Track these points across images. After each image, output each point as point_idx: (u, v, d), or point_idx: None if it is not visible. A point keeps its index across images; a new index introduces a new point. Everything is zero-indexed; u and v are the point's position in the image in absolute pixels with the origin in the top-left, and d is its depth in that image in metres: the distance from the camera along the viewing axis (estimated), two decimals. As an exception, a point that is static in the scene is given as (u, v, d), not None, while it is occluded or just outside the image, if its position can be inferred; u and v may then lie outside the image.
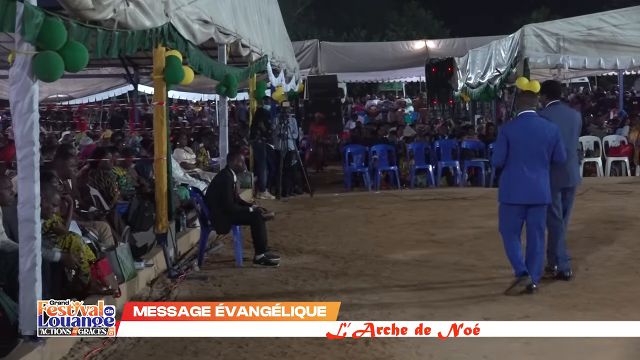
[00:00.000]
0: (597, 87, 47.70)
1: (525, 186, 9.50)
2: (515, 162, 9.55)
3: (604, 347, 7.18)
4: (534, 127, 9.56)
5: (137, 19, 9.18)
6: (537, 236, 9.64)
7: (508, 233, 9.72)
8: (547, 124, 9.64)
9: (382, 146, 21.16)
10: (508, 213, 9.73)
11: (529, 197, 9.54)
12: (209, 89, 27.61)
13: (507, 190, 9.73)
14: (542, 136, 9.51)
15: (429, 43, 39.30)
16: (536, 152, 9.49)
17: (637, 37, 20.62)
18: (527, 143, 9.50)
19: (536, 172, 9.49)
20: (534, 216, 9.62)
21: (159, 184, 11.31)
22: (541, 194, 9.53)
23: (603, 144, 21.55)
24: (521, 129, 9.65)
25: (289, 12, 50.02)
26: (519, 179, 9.54)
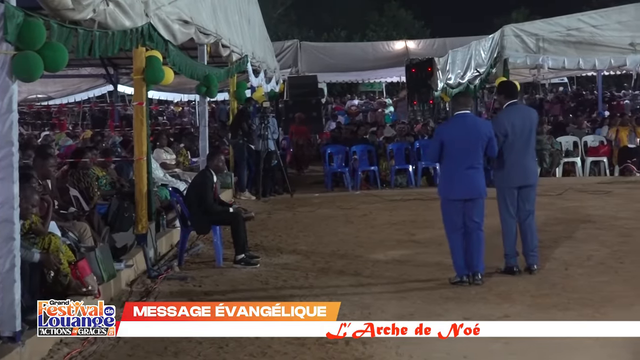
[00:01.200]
0: (576, 87, 47.87)
1: (463, 182, 9.93)
2: (452, 159, 9.97)
3: (584, 346, 7.21)
4: (469, 126, 10.01)
5: (117, 19, 9.15)
6: (476, 228, 10.03)
7: (452, 229, 10.11)
8: (481, 122, 10.45)
9: (363, 146, 21.18)
10: (449, 208, 10.11)
11: (467, 193, 9.97)
12: (189, 89, 27.55)
13: (446, 187, 10.20)
14: (476, 134, 9.94)
15: (409, 43, 39.32)
16: (471, 149, 9.91)
17: (616, 37, 20.73)
18: (462, 141, 9.89)
19: (472, 168, 9.91)
20: (471, 210, 10.01)
21: (138, 185, 11.29)
22: (477, 189, 9.97)
23: (582, 144, 21.63)
24: (456, 128, 10.06)
25: (269, 13, 49.99)
26: (456, 176, 9.97)
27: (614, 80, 47.96)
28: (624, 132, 21.12)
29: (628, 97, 41.71)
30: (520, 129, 10.39)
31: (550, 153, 20.35)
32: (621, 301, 8.96)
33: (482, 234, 10.10)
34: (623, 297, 9.10)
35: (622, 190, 18.35)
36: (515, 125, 10.37)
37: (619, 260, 11.05)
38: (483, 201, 10.11)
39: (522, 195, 10.54)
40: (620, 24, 20.83)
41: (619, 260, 11.09)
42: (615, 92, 45.81)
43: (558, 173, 20.82)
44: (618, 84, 49.51)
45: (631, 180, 19.99)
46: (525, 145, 10.46)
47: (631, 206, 15.92)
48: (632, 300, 8.98)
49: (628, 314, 8.42)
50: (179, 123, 34.12)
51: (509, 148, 10.34)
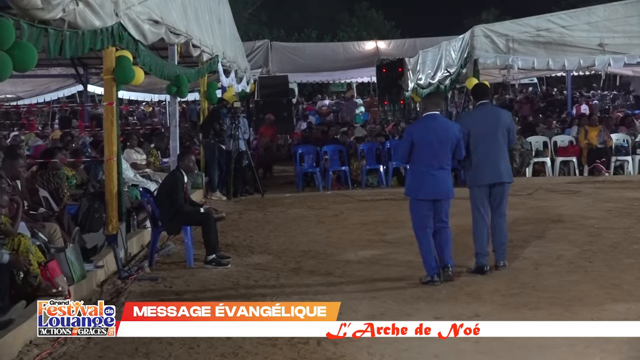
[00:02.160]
0: (545, 87, 48.11)
1: (432, 183, 10.02)
2: (421, 160, 10.06)
3: (553, 345, 7.25)
4: (438, 127, 10.09)
5: (86, 18, 9.12)
6: (444, 226, 10.18)
7: (421, 229, 10.16)
8: (450, 124, 10.50)
9: (333, 146, 21.18)
10: (418, 208, 10.19)
11: (435, 193, 10.07)
12: (159, 89, 27.43)
13: (415, 187, 10.25)
14: (445, 135, 10.04)
15: (379, 43, 39.37)
16: (440, 150, 10.02)
17: (584, 38, 20.87)
18: (431, 142, 9.98)
19: (441, 169, 10.04)
20: (439, 210, 10.13)
21: (109, 185, 11.25)
22: (446, 190, 10.11)
23: (552, 144, 21.75)
24: (426, 129, 10.13)
25: (239, 12, 49.93)
26: (425, 176, 10.05)
27: (583, 81, 48.20)
28: (593, 133, 21.25)
29: (597, 97, 42.00)
30: (486, 128, 10.61)
31: (520, 153, 20.44)
32: (590, 300, 9.01)
33: (449, 232, 10.26)
34: (592, 296, 9.16)
35: (591, 190, 18.49)
36: (479, 125, 10.64)
37: (588, 260, 11.13)
38: (449, 203, 10.26)
39: (494, 194, 10.70)
40: (589, 25, 20.98)
41: (588, 259, 11.17)
42: (585, 92, 46.07)
43: (528, 173, 20.92)
44: (587, 85, 49.77)
45: (600, 180, 20.13)
46: (493, 145, 10.60)
47: (600, 206, 16.04)
48: (601, 299, 9.03)
49: (597, 312, 8.47)
50: (149, 123, 34.02)
51: (474, 147, 10.56)
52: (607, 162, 21.03)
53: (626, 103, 39.87)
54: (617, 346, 7.22)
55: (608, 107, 38.19)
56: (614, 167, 21.25)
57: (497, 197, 10.71)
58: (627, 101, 40.62)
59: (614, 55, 20.91)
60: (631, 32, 20.95)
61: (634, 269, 10.47)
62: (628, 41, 20.95)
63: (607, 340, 7.26)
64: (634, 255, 11.30)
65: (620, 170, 21.40)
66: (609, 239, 12.59)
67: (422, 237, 10.16)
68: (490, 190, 10.68)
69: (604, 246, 12.04)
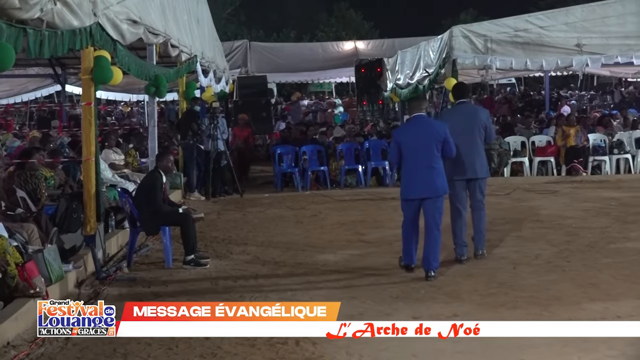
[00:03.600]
0: (524, 87, 48.29)
1: (420, 182, 10.34)
2: (409, 161, 10.43)
3: (531, 344, 7.27)
4: (423, 127, 10.46)
5: (64, 18, 9.08)
6: (433, 228, 10.40)
7: (406, 225, 10.60)
8: (435, 123, 10.85)
9: (312, 146, 21.19)
10: (407, 208, 10.58)
11: (423, 192, 10.36)
12: (137, 89, 27.37)
13: (405, 187, 10.61)
14: (430, 135, 10.36)
15: (358, 44, 39.41)
16: (426, 149, 10.32)
17: (562, 38, 20.90)
18: (417, 142, 10.36)
19: (429, 168, 10.31)
20: (429, 208, 10.39)
21: (87, 185, 11.21)
22: (435, 188, 10.35)
23: (530, 144, 21.83)
24: (411, 130, 10.59)
25: (218, 12, 49.87)
26: (414, 176, 10.41)
27: (560, 81, 48.41)
28: (571, 132, 21.34)
29: (574, 97, 42.20)
30: (464, 126, 11.13)
31: (498, 153, 20.49)
32: (568, 299, 9.05)
33: (439, 234, 10.47)
34: (570, 296, 9.20)
35: (569, 190, 18.57)
36: (458, 122, 11.11)
37: (566, 259, 11.18)
38: (442, 200, 10.52)
39: (472, 188, 11.27)
40: (567, 25, 21.01)
41: (566, 259, 11.23)
42: (563, 92, 46.29)
43: (506, 173, 20.98)
44: (565, 85, 50.00)
45: (577, 180, 20.22)
46: (469, 141, 11.12)
47: (577, 205, 16.12)
48: (578, 298, 9.08)
49: (575, 312, 8.52)
50: (127, 123, 33.96)
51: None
52: (584, 162, 21.12)
53: (603, 103, 40.08)
54: (595, 345, 7.25)
55: (585, 107, 38.36)
56: (592, 167, 21.33)
57: (474, 191, 11.30)
58: (605, 101, 40.84)
59: (591, 56, 20.96)
60: (608, 32, 21.01)
61: (611, 268, 10.53)
62: (605, 42, 21.00)
63: (584, 340, 7.29)
64: (611, 255, 11.37)
65: (597, 170, 21.50)
66: (587, 238, 12.65)
67: (404, 230, 10.61)
68: (467, 184, 11.23)
69: (581, 246, 12.10)
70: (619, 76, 36.03)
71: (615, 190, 18.34)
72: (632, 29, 21.01)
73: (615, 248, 11.89)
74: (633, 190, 18.11)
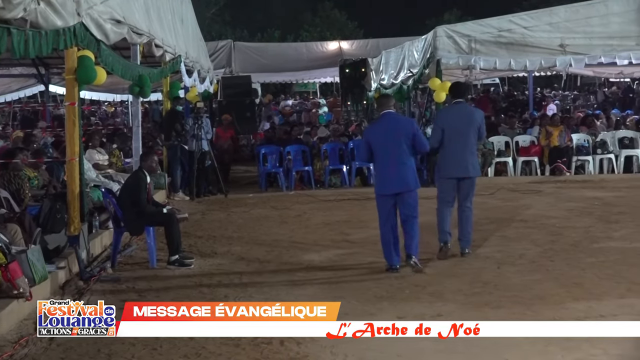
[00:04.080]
0: (507, 87, 48.38)
1: (392, 177, 10.61)
2: (381, 157, 10.71)
3: (514, 343, 7.30)
4: (392, 124, 10.73)
5: (48, 18, 9.06)
6: (410, 221, 10.72)
7: (383, 223, 10.76)
8: (403, 119, 11.40)
9: (296, 147, 21.19)
10: (382, 203, 10.78)
11: (396, 187, 10.63)
12: (121, 89, 27.27)
13: (379, 183, 10.96)
14: (399, 131, 10.63)
15: (342, 44, 39.41)
16: (396, 145, 10.58)
17: (546, 38, 20.95)
18: (387, 139, 10.62)
19: (400, 163, 10.59)
20: (403, 203, 10.68)
21: (71, 186, 11.18)
22: (406, 183, 10.63)
23: (514, 144, 21.89)
24: (381, 127, 10.80)
25: (202, 12, 49.82)
26: (386, 172, 10.70)
27: (544, 81, 48.53)
28: (555, 132, 21.41)
29: (558, 97, 42.31)
30: (459, 125, 11.39)
31: (482, 153, 20.51)
32: (552, 299, 9.09)
33: (416, 222, 10.75)
34: (554, 295, 9.24)
35: (553, 190, 18.63)
36: (453, 121, 11.47)
37: (550, 259, 11.23)
38: (415, 194, 10.79)
39: (462, 187, 11.45)
40: (551, 26, 21.06)
41: (550, 258, 11.27)
42: (546, 92, 46.40)
43: (490, 173, 21.03)
44: (548, 85, 50.13)
45: (561, 180, 20.29)
46: (463, 141, 11.38)
47: (561, 205, 16.18)
48: (562, 298, 9.11)
49: (558, 311, 8.55)
50: (111, 123, 33.86)
51: (447, 142, 11.33)
52: (568, 162, 21.22)
53: (587, 103, 40.22)
54: (578, 344, 7.28)
55: (569, 107, 38.47)
56: (575, 167, 21.43)
57: (464, 190, 11.48)
58: (588, 101, 40.97)
59: (575, 56, 21.01)
60: (592, 32, 21.07)
61: (594, 267, 10.58)
62: (589, 42, 21.06)
63: (568, 339, 7.32)
64: (595, 254, 11.42)
65: (581, 170, 21.60)
66: (570, 238, 12.71)
67: (383, 230, 10.75)
68: (458, 183, 11.41)
69: (565, 245, 12.16)
70: (602, 76, 36.16)
71: (598, 190, 18.41)
72: (615, 30, 21.08)
73: (598, 247, 11.94)
74: (616, 190, 18.20)
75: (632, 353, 7.22)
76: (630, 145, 22.03)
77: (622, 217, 14.57)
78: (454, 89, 12.23)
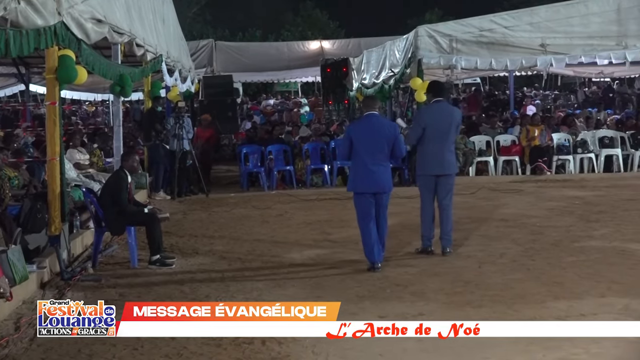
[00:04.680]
0: (488, 87, 48.48)
1: (369, 178, 10.78)
2: (360, 156, 10.81)
3: (496, 343, 7.31)
4: (375, 126, 10.87)
5: (28, 17, 9.02)
6: (382, 221, 10.94)
7: (363, 219, 10.89)
8: (387, 123, 11.39)
9: (278, 146, 21.20)
10: (360, 201, 10.92)
11: (372, 187, 10.81)
12: (102, 88, 27.21)
13: (354, 181, 11.02)
14: (382, 133, 10.81)
15: (324, 43, 39.39)
16: (378, 147, 10.76)
17: (527, 38, 21.04)
18: (369, 140, 10.78)
19: (378, 165, 10.79)
20: (378, 203, 10.89)
21: (51, 185, 11.14)
22: (382, 185, 10.86)
23: (495, 143, 21.95)
24: (364, 128, 10.92)
25: (183, 12, 49.65)
26: (363, 171, 10.82)
27: (525, 81, 48.68)
28: (536, 132, 21.50)
29: (539, 97, 42.44)
30: (439, 123, 11.59)
31: (463, 152, 20.60)
32: (533, 298, 9.12)
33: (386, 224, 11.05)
34: (535, 294, 9.27)
35: (533, 189, 18.71)
36: (434, 120, 11.64)
37: (531, 258, 11.27)
38: (388, 196, 11.01)
39: (440, 184, 11.61)
40: (531, 25, 21.14)
41: (531, 257, 11.31)
42: (527, 92, 46.54)
43: (471, 172, 21.09)
44: (529, 84, 50.27)
45: (542, 179, 20.39)
46: (443, 139, 11.60)
47: (542, 204, 16.24)
48: (543, 297, 9.14)
49: (539, 310, 8.57)
50: (92, 123, 33.77)
51: (427, 140, 11.55)
52: (548, 161, 21.32)
53: (567, 103, 40.37)
54: (559, 343, 7.30)
55: (550, 106, 38.59)
56: (556, 166, 21.53)
57: (443, 187, 11.66)
58: (569, 101, 41.12)
59: (555, 56, 21.09)
60: (572, 32, 21.17)
61: (575, 266, 10.62)
62: (569, 42, 21.15)
63: (549, 338, 7.34)
64: (575, 253, 11.47)
65: (561, 169, 21.70)
66: (551, 237, 12.76)
67: (364, 227, 10.85)
68: (436, 180, 11.63)
69: (546, 244, 12.20)
70: (583, 76, 36.34)
71: (579, 189, 18.50)
72: (595, 30, 21.20)
73: (579, 246, 11.98)
74: (596, 189, 18.29)
75: (612, 352, 7.25)
76: (610, 144, 22.15)
77: (602, 216, 14.64)
78: (434, 88, 12.27)
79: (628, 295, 9.10)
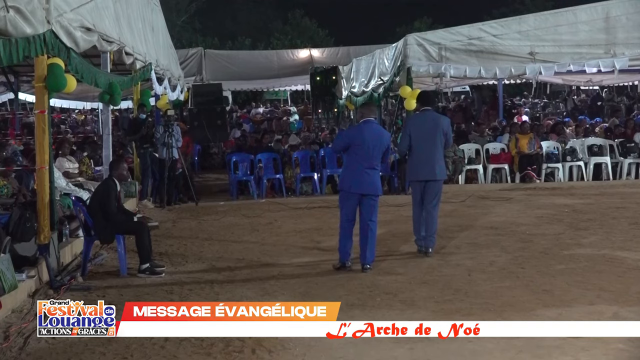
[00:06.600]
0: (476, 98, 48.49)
1: (363, 180, 11.29)
2: (356, 159, 11.32)
3: (486, 350, 7.33)
4: (373, 132, 11.41)
5: (17, 25, 9.01)
6: (369, 224, 11.34)
7: (345, 220, 11.43)
8: (383, 131, 11.90)
9: (267, 154, 21.21)
10: (347, 200, 11.44)
11: (364, 189, 11.32)
12: (91, 97, 27.19)
13: (347, 182, 11.46)
14: (378, 140, 11.36)
15: (313, 52, 39.46)
16: (374, 153, 11.32)
17: (515, 46, 21.12)
18: (366, 144, 11.27)
19: (372, 169, 11.34)
20: (366, 205, 11.35)
21: (40, 194, 11.11)
22: (374, 187, 11.41)
23: (484, 151, 21.99)
24: (362, 132, 11.39)
25: (173, 20, 49.77)
26: (357, 174, 11.31)
27: (514, 89, 48.78)
28: (524, 140, 21.56)
29: (528, 105, 42.54)
30: (427, 131, 12.18)
31: (453, 160, 20.63)
32: (522, 306, 9.13)
33: (375, 228, 11.42)
34: (524, 302, 9.28)
35: (523, 197, 18.74)
36: (421, 128, 12.25)
37: (520, 266, 11.28)
38: (378, 199, 11.50)
39: (428, 189, 12.13)
40: (520, 34, 21.22)
41: (520, 265, 11.33)
42: (516, 100, 46.62)
43: (461, 180, 21.12)
44: (518, 93, 50.38)
45: (531, 187, 20.43)
46: (430, 146, 12.20)
47: (531, 212, 16.26)
48: (532, 304, 9.15)
49: (529, 318, 8.57)
50: (81, 131, 33.72)
51: (415, 146, 12.13)
52: (538, 169, 21.36)
53: (556, 111, 40.45)
54: (548, 351, 7.32)
55: (539, 114, 38.67)
56: (545, 174, 21.56)
57: (431, 192, 12.20)
58: (557, 109, 41.22)
59: (544, 64, 21.18)
60: (561, 41, 21.26)
61: (564, 274, 10.64)
62: (558, 50, 21.25)
63: (538, 346, 7.36)
64: (565, 261, 11.49)
65: (550, 177, 21.74)
66: (540, 245, 12.78)
67: (344, 226, 11.44)
68: (425, 185, 12.19)
69: (535, 252, 12.22)
70: (572, 84, 36.42)
71: (568, 197, 18.54)
72: (583, 38, 21.32)
73: (568, 254, 12.00)
74: (585, 197, 18.33)
75: (601, 359, 7.27)
76: (599, 152, 22.22)
77: (591, 224, 14.68)
78: (422, 97, 12.95)
79: (617, 303, 9.13)
